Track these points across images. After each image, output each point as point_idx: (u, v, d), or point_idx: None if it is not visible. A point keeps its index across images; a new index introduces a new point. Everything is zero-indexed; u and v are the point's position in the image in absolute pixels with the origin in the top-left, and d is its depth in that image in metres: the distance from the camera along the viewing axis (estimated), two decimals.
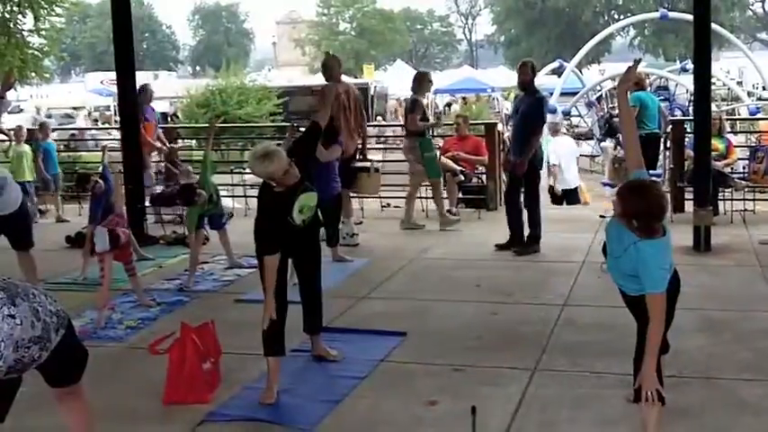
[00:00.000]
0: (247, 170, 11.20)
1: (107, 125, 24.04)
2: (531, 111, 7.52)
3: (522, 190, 7.71)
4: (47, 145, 10.64)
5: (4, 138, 11.08)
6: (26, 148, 10.45)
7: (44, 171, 10.39)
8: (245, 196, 10.55)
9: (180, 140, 14.31)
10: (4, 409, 3.14)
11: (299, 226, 4.45)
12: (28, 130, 11.17)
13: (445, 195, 9.18)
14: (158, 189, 10.10)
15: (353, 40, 58.38)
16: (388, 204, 10.53)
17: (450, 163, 9.41)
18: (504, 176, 9.23)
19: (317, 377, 4.70)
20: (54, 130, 13.28)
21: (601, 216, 8.38)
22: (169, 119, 25.45)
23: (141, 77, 10.83)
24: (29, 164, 10.32)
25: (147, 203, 9.10)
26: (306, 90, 18.79)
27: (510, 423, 4.00)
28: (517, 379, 4.53)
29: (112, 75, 9.67)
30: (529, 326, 5.47)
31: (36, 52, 20.58)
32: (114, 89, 9.66)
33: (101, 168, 7.62)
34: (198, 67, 71.83)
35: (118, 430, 4.01)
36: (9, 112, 14.87)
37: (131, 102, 8.98)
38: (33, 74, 20.23)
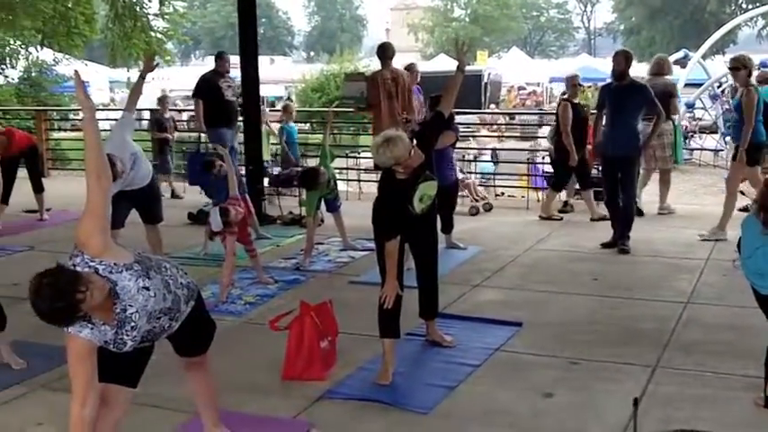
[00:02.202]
0: (363, 154, 11.33)
1: None
2: (644, 100, 7.22)
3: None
4: (289, 127, 10.73)
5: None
6: (264, 129, 10.73)
7: (288, 152, 10.42)
8: (359, 180, 10.64)
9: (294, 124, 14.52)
10: (137, 376, 3.26)
11: (418, 214, 4.46)
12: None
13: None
14: (276, 171, 10.30)
15: (467, 27, 57.94)
16: (503, 193, 10.45)
17: None
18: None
19: (431, 362, 4.70)
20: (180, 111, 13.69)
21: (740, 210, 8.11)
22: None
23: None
24: (267, 144, 10.56)
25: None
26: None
27: (629, 419, 3.89)
28: (636, 375, 4.42)
29: (231, 59, 9.88)
30: (649, 322, 5.31)
31: (160, 36, 21.31)
32: (232, 73, 9.87)
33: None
34: (312, 53, 72.84)
35: (240, 401, 4.11)
36: None
37: (253, 85, 9.15)
38: (157, 57, 20.98)
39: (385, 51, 8.72)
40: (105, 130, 6.71)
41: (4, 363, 4.67)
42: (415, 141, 4.53)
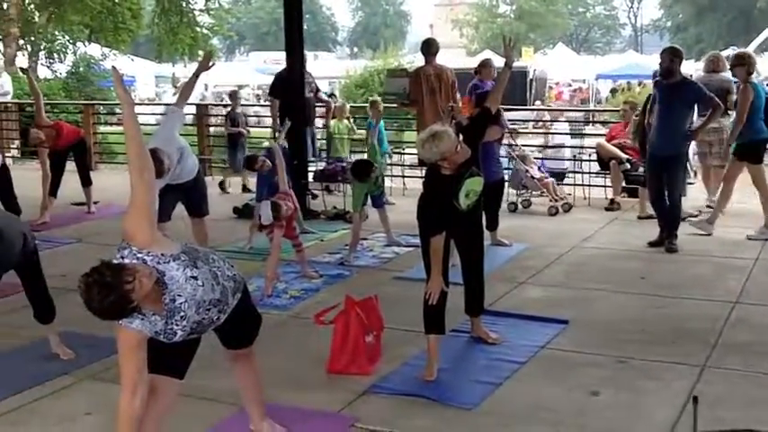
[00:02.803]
0: (407, 150, 11.31)
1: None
2: (696, 97, 7.07)
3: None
4: (379, 125, 10.76)
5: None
6: (345, 124, 10.68)
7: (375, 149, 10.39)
8: (403, 176, 10.62)
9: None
10: (185, 368, 3.29)
11: (464, 210, 4.44)
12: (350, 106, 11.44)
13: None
14: (321, 166, 10.32)
15: (512, 23, 57.52)
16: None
17: (616, 150, 9.11)
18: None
19: (476, 358, 4.68)
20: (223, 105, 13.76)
21: None
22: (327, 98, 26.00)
23: None
24: (347, 140, 10.59)
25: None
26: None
27: (678, 418, 3.84)
28: (684, 375, 4.36)
29: (275, 54, 9.92)
30: (697, 322, 5.23)
31: (206, 31, 21.50)
32: (276, 68, 9.89)
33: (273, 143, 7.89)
34: (356, 49, 72.94)
35: (284, 395, 4.13)
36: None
37: (298, 80, 9.16)
38: (201, 52, 21.22)
39: (429, 47, 8.76)
40: (152, 125, 6.80)
41: (53, 353, 4.75)
42: (461, 137, 4.51)
